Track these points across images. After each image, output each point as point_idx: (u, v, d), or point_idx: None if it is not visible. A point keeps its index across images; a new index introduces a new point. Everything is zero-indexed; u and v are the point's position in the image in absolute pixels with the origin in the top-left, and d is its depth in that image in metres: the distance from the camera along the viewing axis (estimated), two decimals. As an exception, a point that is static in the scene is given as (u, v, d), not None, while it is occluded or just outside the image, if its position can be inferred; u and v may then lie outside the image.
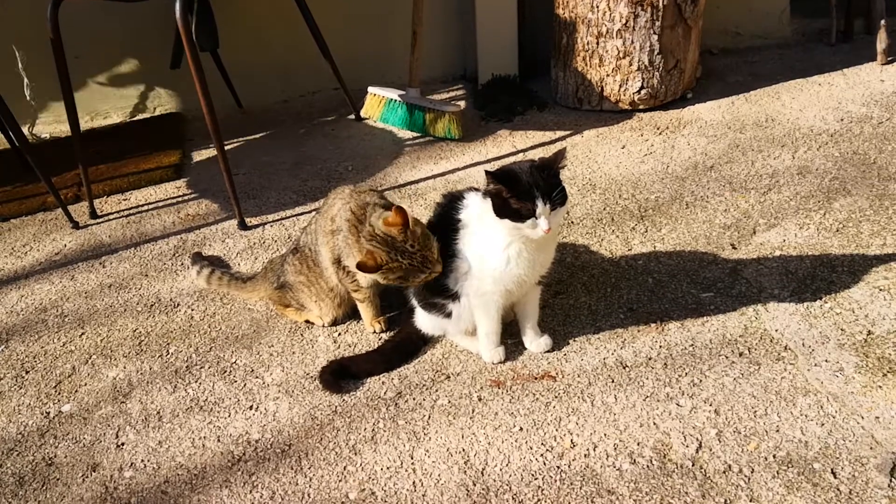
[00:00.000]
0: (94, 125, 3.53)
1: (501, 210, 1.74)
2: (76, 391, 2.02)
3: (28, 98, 3.41)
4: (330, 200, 2.07)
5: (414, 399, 1.88)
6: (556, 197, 1.73)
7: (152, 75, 3.50)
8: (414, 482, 1.66)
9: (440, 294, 1.93)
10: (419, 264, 1.84)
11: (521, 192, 1.71)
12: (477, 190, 1.92)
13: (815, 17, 4.01)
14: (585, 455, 1.68)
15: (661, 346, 1.96)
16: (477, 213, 1.85)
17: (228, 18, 3.38)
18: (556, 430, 1.75)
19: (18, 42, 3.33)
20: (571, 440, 1.72)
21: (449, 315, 1.95)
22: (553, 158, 1.78)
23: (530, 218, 1.71)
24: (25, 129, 2.92)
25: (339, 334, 2.13)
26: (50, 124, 3.52)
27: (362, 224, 1.91)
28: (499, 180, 1.72)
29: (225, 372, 2.03)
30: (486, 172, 1.74)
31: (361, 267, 1.83)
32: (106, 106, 3.54)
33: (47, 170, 2.77)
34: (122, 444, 1.84)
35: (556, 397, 1.84)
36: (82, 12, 2.81)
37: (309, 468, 1.72)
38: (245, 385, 1.98)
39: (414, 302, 2.00)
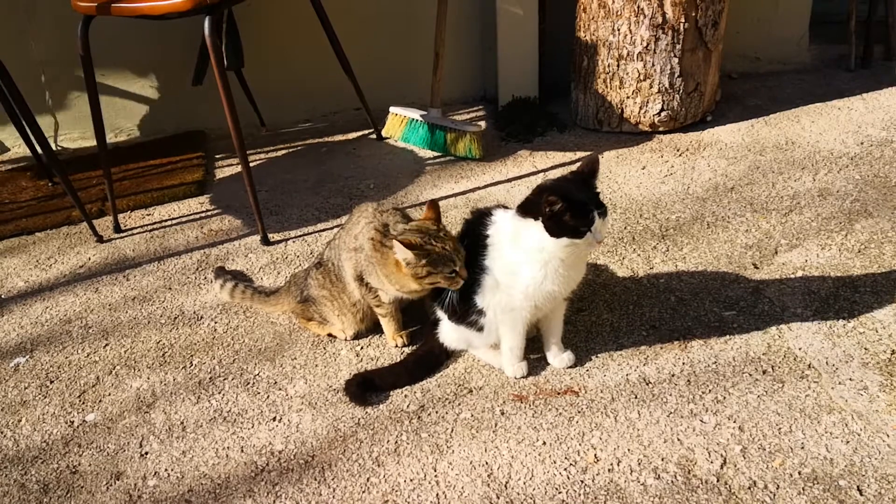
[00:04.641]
0: (118, 141, 3.57)
1: (558, 229, 1.74)
2: (100, 401, 2.04)
3: (51, 113, 3.47)
4: (354, 217, 2.09)
5: (437, 412, 1.88)
6: (602, 206, 1.76)
7: (176, 93, 3.54)
8: (437, 494, 1.66)
9: (470, 309, 1.94)
10: (450, 252, 1.86)
11: (578, 207, 1.73)
12: (505, 207, 1.93)
13: (833, 43, 4.03)
14: (609, 469, 1.68)
15: (684, 364, 1.96)
16: (507, 231, 1.86)
17: (253, 38, 3.42)
18: (580, 444, 1.75)
19: (45, 57, 3.39)
20: (595, 455, 1.72)
21: (481, 329, 1.95)
22: (591, 168, 1.81)
23: (587, 232, 1.73)
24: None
25: (362, 348, 2.14)
26: (74, 140, 3.56)
27: (387, 237, 1.93)
28: (560, 199, 1.70)
29: (248, 384, 2.05)
30: (545, 193, 1.72)
31: (404, 244, 1.83)
32: (129, 123, 3.58)
33: (71, 185, 2.81)
34: (146, 453, 1.85)
35: (579, 412, 1.84)
36: (107, 30, 2.85)
37: (332, 479, 1.72)
38: (268, 397, 1.99)
39: (440, 314, 2.01)
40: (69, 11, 2.66)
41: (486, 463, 1.72)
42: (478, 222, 1.93)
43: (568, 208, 1.72)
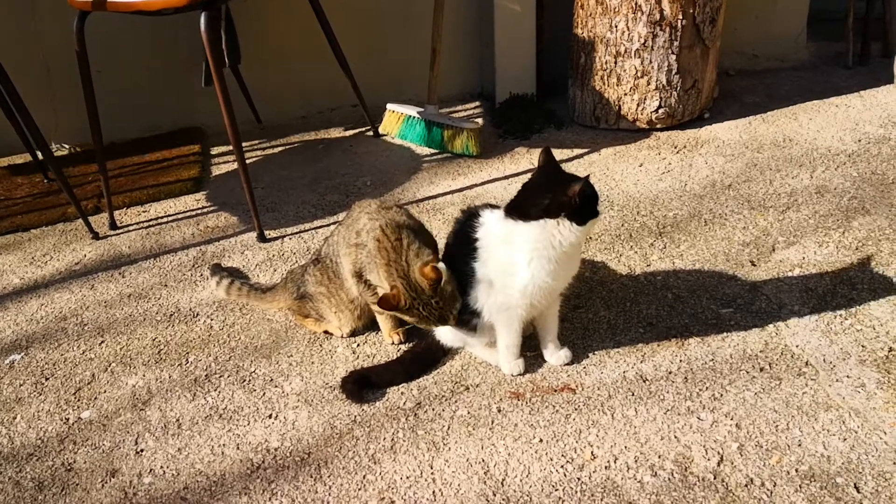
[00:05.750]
0: (114, 138, 3.56)
1: (586, 215, 1.79)
2: (95, 398, 2.03)
3: (48, 109, 3.46)
4: (355, 213, 2.08)
5: (433, 410, 1.88)
6: None
7: (172, 89, 3.53)
8: (434, 492, 1.65)
9: (463, 310, 1.93)
10: (436, 320, 1.91)
11: (593, 191, 1.80)
12: (494, 207, 1.93)
13: (831, 41, 4.03)
14: (606, 467, 1.67)
15: (681, 361, 1.96)
16: (498, 232, 1.85)
17: (250, 35, 3.42)
18: (577, 441, 1.74)
19: (42, 53, 3.37)
20: (592, 452, 1.71)
21: (474, 329, 1.95)
22: (551, 157, 1.88)
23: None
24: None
25: (358, 345, 2.14)
26: (70, 136, 3.55)
27: (398, 254, 1.92)
28: (590, 189, 1.79)
29: (244, 381, 2.04)
30: (578, 191, 1.75)
31: (383, 303, 1.88)
32: (125, 119, 3.56)
33: (67, 181, 2.79)
34: (142, 450, 1.84)
35: (575, 409, 1.84)
36: (103, 26, 2.85)
37: (328, 476, 1.72)
38: (264, 394, 1.99)
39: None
40: (67, 7, 2.65)
41: (483, 460, 1.72)
42: (467, 223, 1.93)
43: (591, 193, 1.79)
